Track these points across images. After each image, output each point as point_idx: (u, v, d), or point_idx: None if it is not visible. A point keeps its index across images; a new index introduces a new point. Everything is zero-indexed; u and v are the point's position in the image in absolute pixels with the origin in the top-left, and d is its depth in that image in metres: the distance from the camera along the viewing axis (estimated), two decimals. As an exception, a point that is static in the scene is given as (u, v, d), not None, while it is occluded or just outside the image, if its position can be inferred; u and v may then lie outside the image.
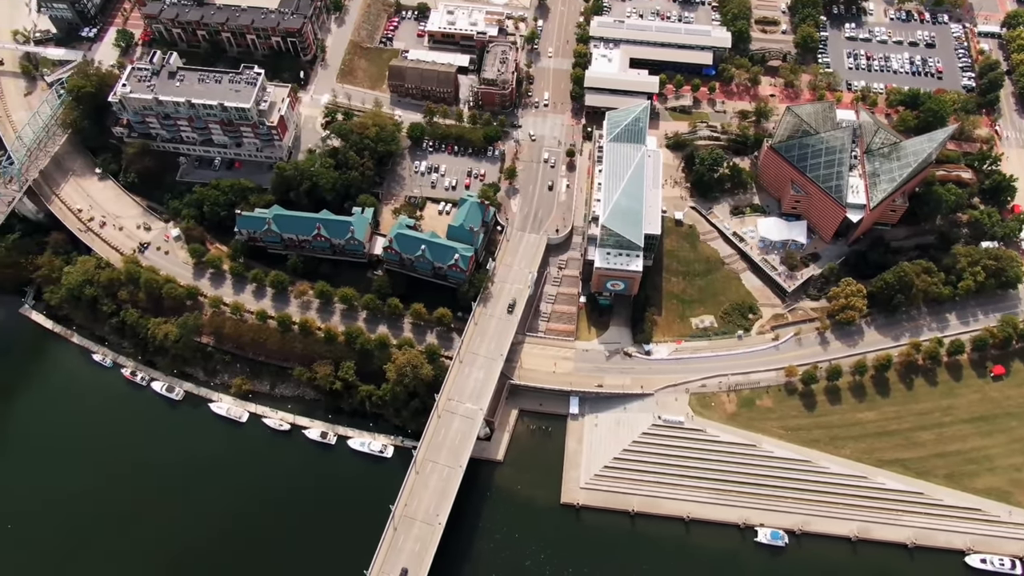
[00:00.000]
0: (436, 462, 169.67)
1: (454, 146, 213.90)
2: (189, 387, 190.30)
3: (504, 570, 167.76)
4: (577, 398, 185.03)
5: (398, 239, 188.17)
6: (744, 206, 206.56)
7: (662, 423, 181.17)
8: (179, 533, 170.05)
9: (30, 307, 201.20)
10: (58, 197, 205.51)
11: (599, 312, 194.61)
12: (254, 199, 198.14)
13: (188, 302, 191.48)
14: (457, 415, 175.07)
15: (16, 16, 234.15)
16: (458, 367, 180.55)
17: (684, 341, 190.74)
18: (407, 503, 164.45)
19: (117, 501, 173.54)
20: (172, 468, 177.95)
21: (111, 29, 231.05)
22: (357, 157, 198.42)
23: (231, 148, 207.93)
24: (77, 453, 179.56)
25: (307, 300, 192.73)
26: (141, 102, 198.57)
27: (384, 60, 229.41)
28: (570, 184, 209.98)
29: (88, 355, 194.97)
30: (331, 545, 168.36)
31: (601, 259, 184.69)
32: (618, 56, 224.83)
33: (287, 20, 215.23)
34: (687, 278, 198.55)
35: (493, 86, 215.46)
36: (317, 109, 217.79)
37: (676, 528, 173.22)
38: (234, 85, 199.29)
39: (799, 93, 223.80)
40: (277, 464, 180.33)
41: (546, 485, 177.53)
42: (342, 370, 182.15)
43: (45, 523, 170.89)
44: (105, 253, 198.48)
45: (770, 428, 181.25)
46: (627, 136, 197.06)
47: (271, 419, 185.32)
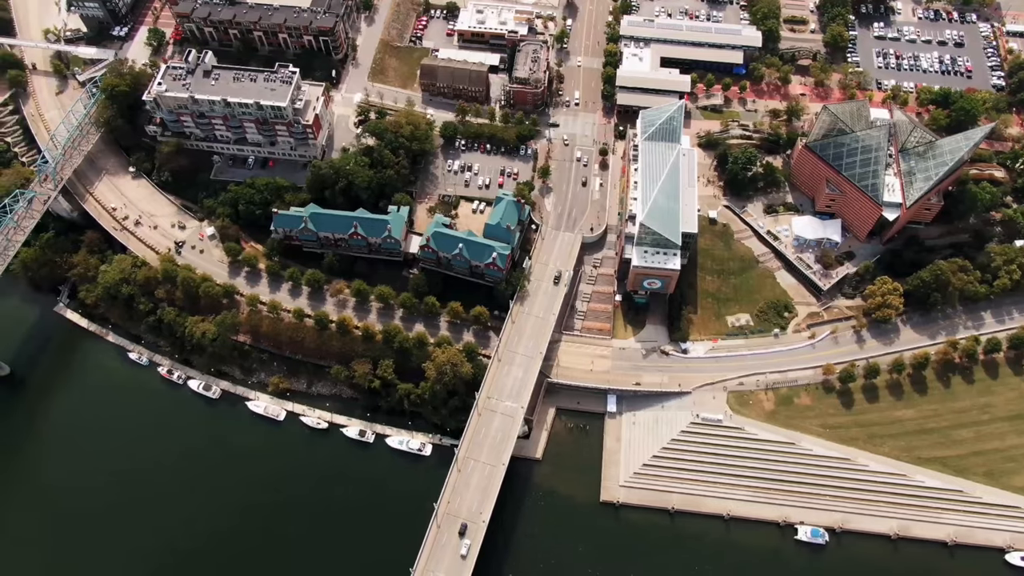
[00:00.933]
0: (478, 460, 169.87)
1: (487, 145, 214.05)
2: (226, 385, 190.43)
3: (545, 568, 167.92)
4: (615, 396, 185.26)
5: (435, 237, 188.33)
6: (777, 205, 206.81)
7: (701, 421, 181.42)
8: (220, 530, 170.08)
9: (64, 305, 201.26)
10: (92, 196, 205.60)
11: (635, 310, 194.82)
12: (289, 197, 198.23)
13: (224, 300, 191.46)
14: (497, 413, 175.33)
15: (46, 15, 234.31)
16: (497, 365, 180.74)
17: (720, 339, 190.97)
18: (450, 501, 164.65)
19: (156, 498, 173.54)
20: (211, 465, 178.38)
21: (141, 28, 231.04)
22: (392, 156, 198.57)
23: (265, 147, 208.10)
24: (116, 451, 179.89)
25: (343, 298, 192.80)
26: (176, 101, 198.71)
27: (414, 59, 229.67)
28: (603, 183, 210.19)
29: (124, 353, 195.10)
30: (372, 542, 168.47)
31: (639, 257, 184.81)
32: (649, 55, 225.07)
33: (319, 19, 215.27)
34: (722, 276, 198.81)
35: (526, 85, 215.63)
36: (349, 108, 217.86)
37: (716, 526, 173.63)
38: (269, 84, 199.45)
39: (829, 92, 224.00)
40: (316, 462, 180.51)
41: (585, 483, 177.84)
42: (381, 368, 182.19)
43: (77, 524, 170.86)
44: (140, 252, 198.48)
45: (809, 426, 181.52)
46: (662, 135, 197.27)
47: (309, 417, 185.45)
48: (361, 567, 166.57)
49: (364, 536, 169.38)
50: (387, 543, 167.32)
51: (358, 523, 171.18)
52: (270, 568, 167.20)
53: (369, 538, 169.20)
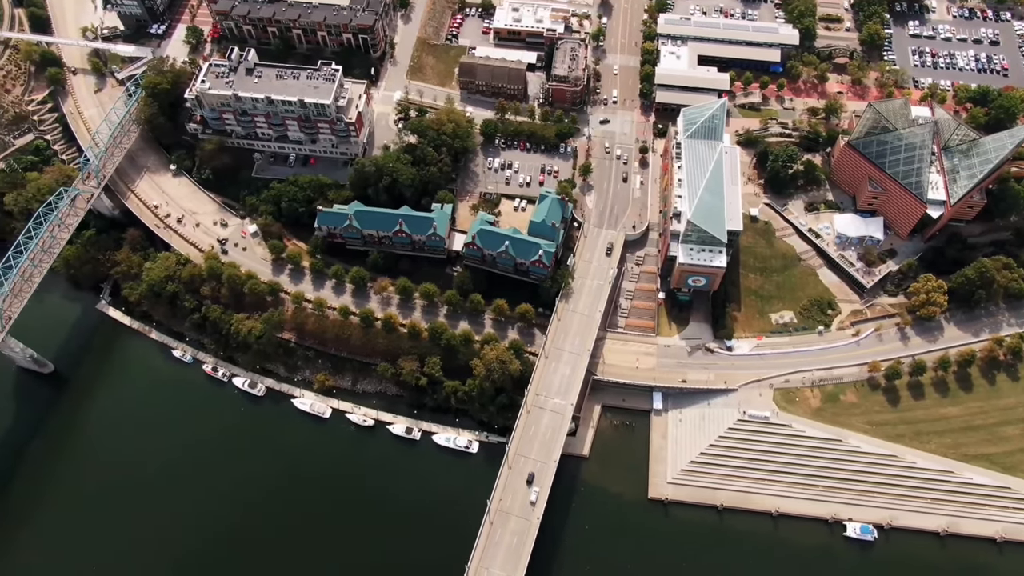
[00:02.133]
0: (528, 457, 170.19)
1: (526, 143, 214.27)
2: (270, 383, 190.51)
3: (595, 564, 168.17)
4: (660, 394, 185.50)
5: (481, 235, 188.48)
6: (818, 203, 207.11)
7: (748, 418, 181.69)
8: (270, 526, 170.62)
9: (106, 303, 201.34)
10: (134, 193, 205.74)
11: (679, 308, 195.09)
12: (332, 195, 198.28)
13: (269, 298, 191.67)
14: (546, 410, 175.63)
15: (82, 13, 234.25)
16: (544, 363, 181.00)
17: (765, 337, 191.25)
18: (501, 498, 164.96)
19: (204, 494, 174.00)
20: (259, 462, 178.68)
21: (179, 26, 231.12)
22: (435, 153, 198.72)
23: (306, 144, 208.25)
24: (162, 448, 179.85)
25: (387, 296, 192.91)
26: (219, 98, 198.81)
27: (451, 57, 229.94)
28: (643, 180, 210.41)
29: (167, 351, 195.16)
30: (423, 539, 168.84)
31: (684, 255, 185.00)
32: (686, 53, 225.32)
33: (359, 17, 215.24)
34: (764, 274, 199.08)
35: (565, 83, 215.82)
36: (388, 106, 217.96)
37: (764, 523, 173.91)
38: (312, 81, 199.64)
39: (866, 90, 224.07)
40: (363, 459, 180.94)
41: (633, 480, 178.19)
42: (428, 366, 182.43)
43: (123, 521, 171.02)
44: (184, 249, 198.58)
45: (855, 423, 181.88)
46: (704, 133, 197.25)
47: (355, 415, 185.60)
48: (412, 564, 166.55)
49: (414, 533, 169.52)
50: (438, 540, 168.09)
51: (408, 520, 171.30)
52: (321, 565, 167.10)
53: (419, 535, 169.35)
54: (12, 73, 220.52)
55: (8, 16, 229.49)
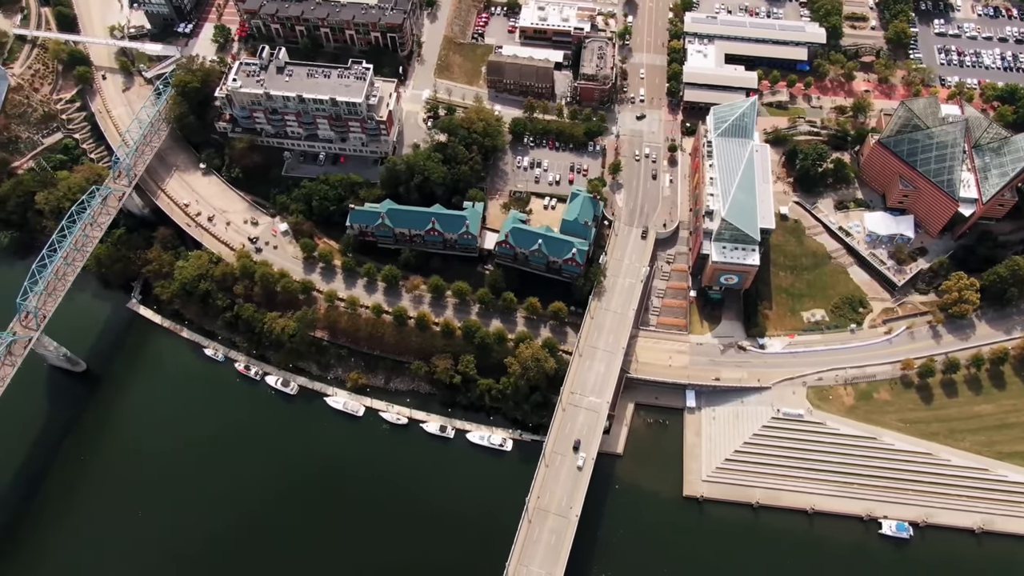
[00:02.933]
0: (565, 455, 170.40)
1: (555, 141, 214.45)
2: (303, 381, 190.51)
3: (631, 562, 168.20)
4: (693, 391, 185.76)
5: (514, 233, 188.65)
6: (847, 201, 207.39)
7: (782, 416, 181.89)
8: (308, 524, 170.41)
9: (137, 301, 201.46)
10: (164, 192, 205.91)
11: (710, 306, 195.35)
12: (363, 194, 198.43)
13: (301, 296, 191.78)
14: (581, 408, 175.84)
15: (108, 12, 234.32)
16: (578, 361, 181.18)
17: (797, 335, 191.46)
18: (539, 495, 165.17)
19: (242, 492, 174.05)
20: (294, 460, 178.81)
21: (206, 24, 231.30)
22: (466, 151, 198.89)
23: (336, 143, 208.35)
24: (196, 445, 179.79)
25: (419, 294, 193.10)
26: (250, 97, 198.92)
27: (478, 55, 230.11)
28: (673, 179, 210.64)
29: (199, 349, 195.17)
30: (460, 536, 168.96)
31: (717, 253, 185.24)
32: (713, 52, 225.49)
33: (388, 15, 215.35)
34: (795, 272, 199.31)
35: (593, 81, 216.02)
36: (417, 104, 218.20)
37: (800, 520, 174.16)
38: (343, 80, 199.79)
39: (893, 89, 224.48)
40: (398, 457, 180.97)
41: (667, 478, 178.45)
42: (461, 364, 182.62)
43: (158, 520, 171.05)
44: (215, 248, 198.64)
45: (889, 421, 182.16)
46: (734, 131, 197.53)
47: (388, 413, 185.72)
48: (448, 562, 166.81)
49: (451, 531, 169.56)
50: (474, 538, 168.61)
51: (443, 518, 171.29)
52: (358, 562, 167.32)
53: (456, 533, 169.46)
54: (40, 72, 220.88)
55: (35, 15, 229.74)
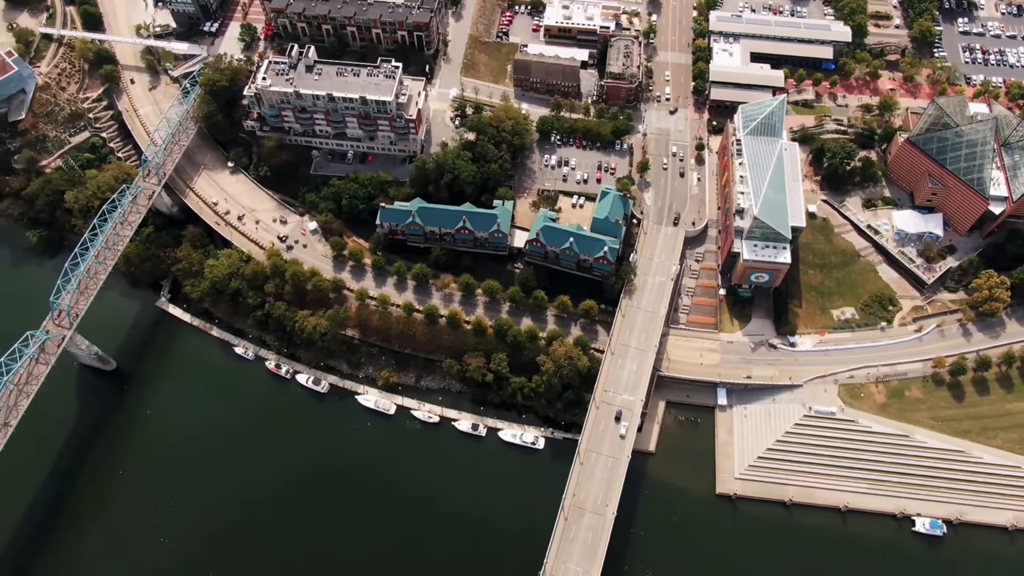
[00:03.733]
0: (599, 453, 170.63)
1: (582, 140, 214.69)
2: (333, 380, 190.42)
3: (665, 559, 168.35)
4: (725, 389, 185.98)
5: (545, 232, 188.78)
6: (875, 199, 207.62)
7: (814, 414, 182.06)
8: (341, 520, 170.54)
9: (166, 300, 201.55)
10: (192, 191, 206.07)
11: (740, 304, 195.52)
12: (393, 192, 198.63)
13: (332, 295, 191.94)
14: (615, 406, 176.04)
15: (133, 11, 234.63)
16: (611, 359, 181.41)
17: (827, 333, 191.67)
18: (575, 493, 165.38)
19: (275, 490, 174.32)
20: (327, 457, 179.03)
21: (231, 23, 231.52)
22: (495, 150, 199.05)
23: (364, 141, 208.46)
24: (230, 444, 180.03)
25: (449, 293, 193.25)
26: (279, 95, 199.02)
27: (503, 54, 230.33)
28: (700, 177, 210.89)
29: (229, 348, 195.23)
30: (495, 533, 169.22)
31: (749, 251, 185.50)
32: (739, 50, 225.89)
33: (415, 14, 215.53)
34: (824, 270, 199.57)
35: (620, 80, 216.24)
36: (444, 103, 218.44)
37: (833, 518, 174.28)
38: (373, 78, 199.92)
39: (919, 87, 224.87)
40: (431, 454, 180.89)
41: (700, 476, 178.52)
42: (494, 362, 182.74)
43: (195, 528, 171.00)
44: (245, 247, 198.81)
45: (921, 419, 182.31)
46: (762, 130, 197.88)
47: (420, 411, 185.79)
48: (484, 558, 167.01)
49: (485, 528, 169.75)
50: (509, 535, 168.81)
51: (478, 515, 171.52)
52: (393, 559, 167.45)
53: (490, 530, 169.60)
54: (67, 71, 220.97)
55: (60, 14, 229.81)
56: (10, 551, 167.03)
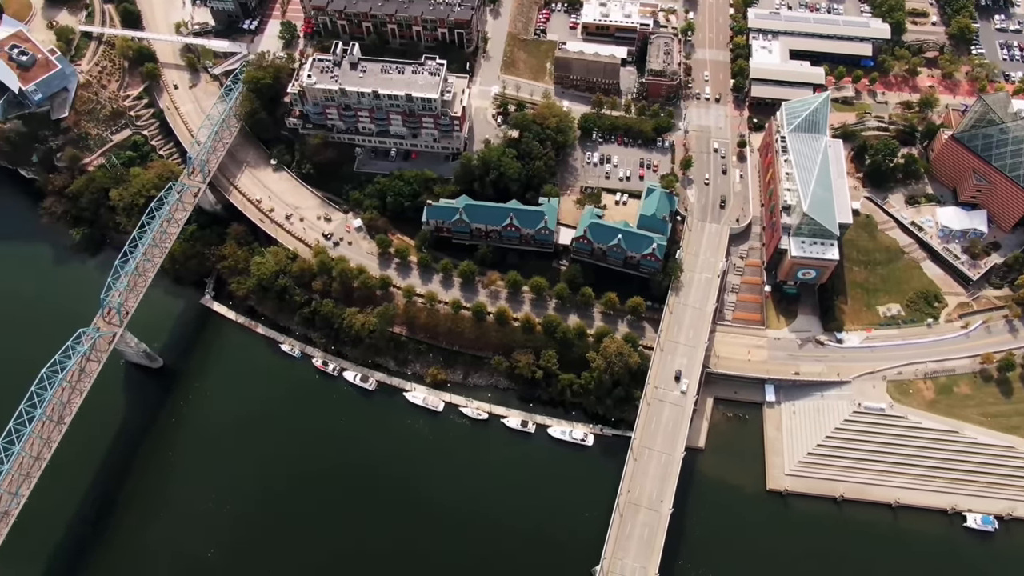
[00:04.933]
0: (652, 449, 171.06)
1: (623, 137, 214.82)
2: (381, 377, 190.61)
3: (718, 554, 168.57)
4: (773, 386, 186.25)
5: (592, 229, 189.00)
6: (918, 196, 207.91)
7: (863, 410, 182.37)
8: (395, 516, 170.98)
9: (211, 297, 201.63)
10: (236, 188, 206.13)
11: (786, 301, 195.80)
12: (438, 189, 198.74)
13: (379, 292, 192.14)
14: (666, 403, 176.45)
15: (171, 9, 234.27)
16: (660, 355, 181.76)
17: (874, 329, 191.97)
18: (628, 489, 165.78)
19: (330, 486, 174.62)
20: (378, 454, 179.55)
21: (270, 21, 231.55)
22: (540, 147, 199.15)
23: (407, 139, 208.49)
24: (281, 443, 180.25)
25: (495, 290, 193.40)
26: (324, 93, 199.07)
27: (542, 52, 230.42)
28: (743, 174, 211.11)
29: (275, 345, 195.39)
30: (548, 529, 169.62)
31: (797, 248, 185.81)
32: (778, 47, 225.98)
33: (457, 11, 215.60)
34: (868, 267, 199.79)
35: (661, 77, 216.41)
36: (485, 100, 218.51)
37: (884, 514, 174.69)
38: (417, 76, 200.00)
39: (957, 84, 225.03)
40: (481, 451, 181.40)
41: (750, 472, 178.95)
42: (543, 359, 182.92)
43: (244, 526, 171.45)
44: (290, 244, 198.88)
45: (970, 415, 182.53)
46: (807, 127, 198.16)
47: (468, 408, 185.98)
48: (536, 553, 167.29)
49: (538, 524, 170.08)
50: (563, 531, 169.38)
51: (530, 510, 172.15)
52: (449, 554, 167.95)
53: (543, 526, 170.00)
54: (107, 69, 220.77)
55: (99, 12, 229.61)
56: (63, 546, 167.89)
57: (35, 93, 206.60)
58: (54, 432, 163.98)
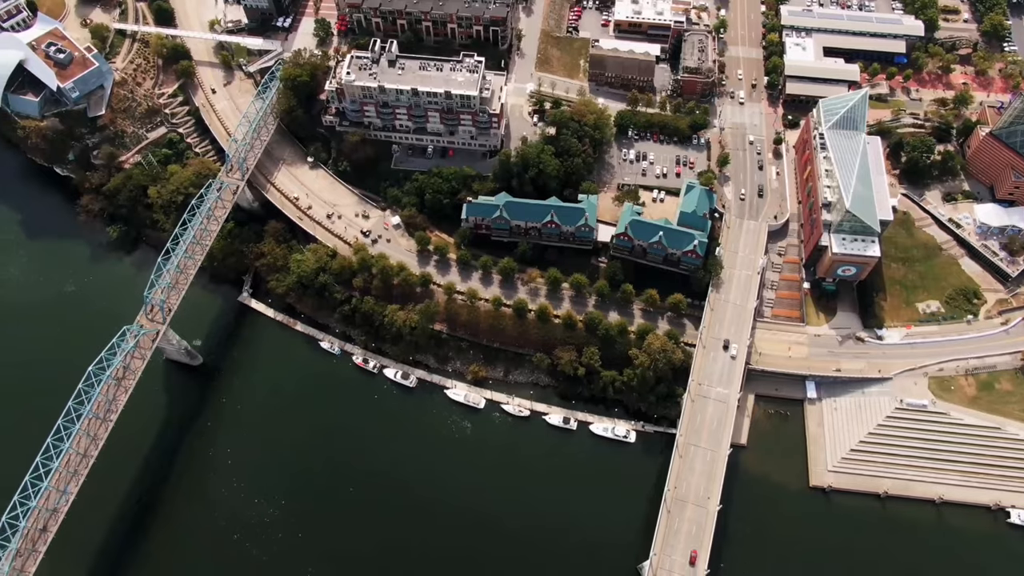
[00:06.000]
0: (698, 446, 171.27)
1: (659, 134, 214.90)
2: (421, 374, 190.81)
3: (764, 549, 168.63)
4: (814, 382, 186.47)
5: (633, 226, 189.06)
6: (955, 193, 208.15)
7: (905, 407, 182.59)
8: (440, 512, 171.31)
9: (248, 295, 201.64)
10: (273, 186, 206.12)
11: (825, 298, 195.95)
12: (477, 187, 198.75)
13: (419, 289, 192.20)
14: (710, 399, 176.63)
15: (203, 8, 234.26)
16: (702, 352, 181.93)
17: (914, 326, 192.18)
18: (675, 486, 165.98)
19: (371, 482, 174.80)
20: (421, 451, 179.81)
21: (303, 18, 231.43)
22: (579, 144, 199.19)
23: (444, 136, 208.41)
24: (323, 440, 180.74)
25: (534, 287, 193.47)
26: (363, 90, 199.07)
27: (575, 49, 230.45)
28: (779, 171, 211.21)
29: (314, 342, 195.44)
30: (595, 525, 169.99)
31: (838, 244, 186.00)
32: (812, 45, 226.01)
33: (492, 9, 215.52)
34: (907, 264, 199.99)
35: (696, 74, 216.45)
36: (520, 97, 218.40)
37: (927, 510, 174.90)
38: (456, 73, 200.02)
39: (991, 81, 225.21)
40: (523, 448, 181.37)
41: (792, 468, 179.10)
42: (586, 356, 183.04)
43: (279, 525, 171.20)
44: (329, 242, 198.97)
45: (1012, 411, 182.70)
46: (845, 124, 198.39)
47: (510, 405, 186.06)
48: (583, 549, 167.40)
49: (584, 521, 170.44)
50: (610, 527, 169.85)
51: (574, 506, 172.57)
52: (494, 549, 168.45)
53: (588, 521, 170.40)
54: (142, 67, 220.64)
55: (132, 10, 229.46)
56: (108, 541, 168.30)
57: (73, 91, 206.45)
58: (100, 429, 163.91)
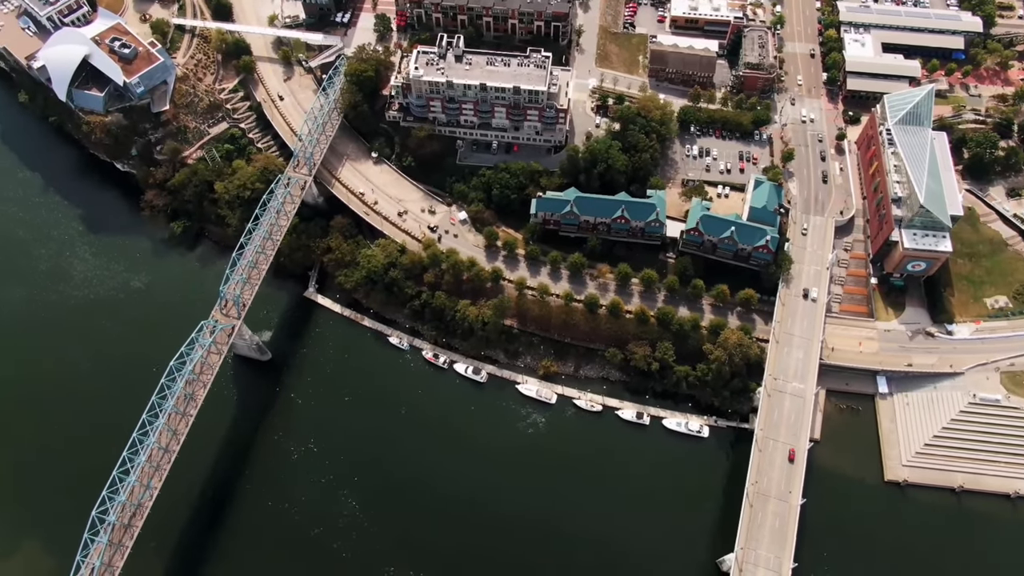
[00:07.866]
0: (776, 440, 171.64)
1: (721, 130, 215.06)
2: (492, 369, 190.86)
3: (842, 543, 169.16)
4: (885, 377, 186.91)
5: (704, 221, 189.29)
6: (1019, 188, 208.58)
7: (979, 401, 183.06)
8: (515, 508, 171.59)
9: (315, 290, 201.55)
10: (339, 181, 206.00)
11: (893, 293, 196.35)
12: (544, 182, 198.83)
13: (488, 285, 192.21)
14: (786, 394, 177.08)
15: (260, 3, 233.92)
16: (776, 347, 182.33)
17: (983, 321, 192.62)
18: (756, 480, 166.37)
19: (448, 476, 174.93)
20: (494, 445, 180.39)
21: (361, 14, 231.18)
22: (646, 139, 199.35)
23: (509, 131, 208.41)
24: (399, 435, 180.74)
25: (603, 282, 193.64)
26: (430, 85, 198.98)
27: (633, 45, 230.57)
28: (843, 167, 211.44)
29: (383, 338, 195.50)
30: (672, 519, 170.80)
31: (909, 240, 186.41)
32: (870, 41, 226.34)
33: (554, 4, 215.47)
34: (973, 259, 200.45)
35: (758, 70, 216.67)
36: (582, 93, 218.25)
37: (1002, 505, 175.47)
38: (523, 68, 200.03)
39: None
40: (597, 442, 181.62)
41: (866, 463, 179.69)
42: (659, 351, 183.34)
43: (351, 520, 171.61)
44: (397, 237, 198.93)
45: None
46: (910, 120, 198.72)
47: (581, 400, 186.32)
48: (662, 544, 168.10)
49: (661, 515, 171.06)
50: (685, 521, 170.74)
51: (651, 502, 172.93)
52: (572, 543, 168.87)
53: (667, 517, 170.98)
54: (202, 62, 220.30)
55: (191, 5, 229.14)
56: (187, 533, 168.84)
57: (138, 86, 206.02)
58: (181, 424, 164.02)
